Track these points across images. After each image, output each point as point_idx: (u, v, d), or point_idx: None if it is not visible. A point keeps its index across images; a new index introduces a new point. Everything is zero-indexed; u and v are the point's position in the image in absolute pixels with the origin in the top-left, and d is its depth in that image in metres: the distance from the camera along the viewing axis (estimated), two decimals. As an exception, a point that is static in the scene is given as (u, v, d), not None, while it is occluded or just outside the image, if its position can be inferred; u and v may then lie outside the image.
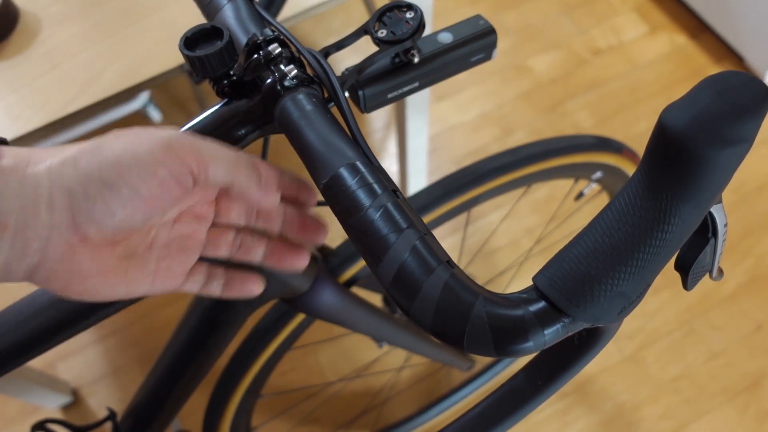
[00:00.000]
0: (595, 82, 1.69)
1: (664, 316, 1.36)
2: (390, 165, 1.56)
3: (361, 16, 1.77)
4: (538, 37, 1.77)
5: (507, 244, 1.46)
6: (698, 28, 1.75)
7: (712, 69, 1.68)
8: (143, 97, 1.56)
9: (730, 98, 0.26)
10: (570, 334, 0.30)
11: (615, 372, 1.31)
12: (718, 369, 1.30)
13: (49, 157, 0.29)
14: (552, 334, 0.30)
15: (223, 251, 0.39)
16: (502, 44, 1.76)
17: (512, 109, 1.66)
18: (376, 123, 1.64)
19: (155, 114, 1.62)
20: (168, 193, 0.31)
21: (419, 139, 1.27)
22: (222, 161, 0.33)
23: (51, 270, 0.30)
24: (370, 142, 1.59)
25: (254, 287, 0.39)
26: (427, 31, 1.03)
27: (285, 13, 0.84)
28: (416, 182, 1.42)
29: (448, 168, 1.57)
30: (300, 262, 0.40)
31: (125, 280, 0.34)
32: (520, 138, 1.61)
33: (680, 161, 0.26)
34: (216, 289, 0.39)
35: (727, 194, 1.50)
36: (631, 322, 1.36)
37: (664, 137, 0.26)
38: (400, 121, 1.22)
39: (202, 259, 0.39)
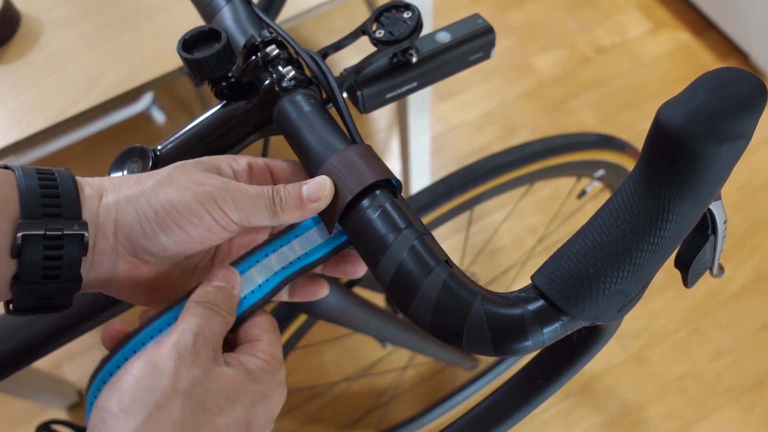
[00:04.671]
0: (599, 80, 1.68)
1: (669, 314, 1.36)
2: (393, 165, 1.56)
3: (363, 16, 1.77)
4: (541, 36, 1.77)
5: (511, 242, 1.46)
6: (702, 25, 1.74)
7: (717, 66, 1.66)
8: (147, 99, 1.56)
9: (726, 94, 0.26)
10: (569, 332, 0.30)
11: (620, 371, 1.31)
12: (723, 368, 1.30)
13: (116, 192, 0.34)
14: (551, 332, 0.29)
15: None
16: (506, 43, 1.75)
17: (516, 108, 1.65)
18: (379, 123, 1.64)
19: (159, 116, 1.63)
20: (215, 235, 0.34)
21: (421, 139, 1.27)
22: (262, 212, 0.35)
23: (120, 285, 0.35)
24: (373, 143, 1.58)
25: (321, 289, 0.40)
26: (427, 30, 1.03)
27: (286, 13, 0.84)
28: (419, 182, 1.42)
29: (452, 167, 1.57)
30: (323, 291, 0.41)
31: (190, 286, 0.36)
32: (523, 137, 1.61)
33: (677, 158, 0.26)
34: (282, 295, 0.40)
35: (732, 192, 1.49)
36: (636, 321, 1.36)
37: (661, 134, 0.26)
38: (402, 121, 1.22)
39: None
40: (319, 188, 0.35)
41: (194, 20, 0.83)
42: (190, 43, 0.39)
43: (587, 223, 0.30)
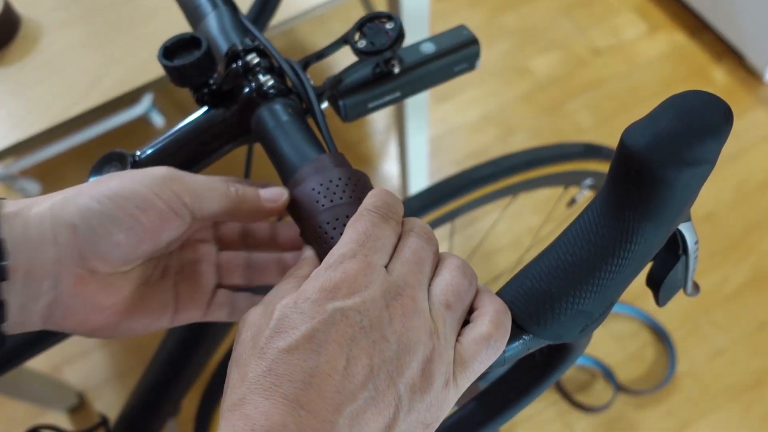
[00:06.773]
0: (595, 82, 1.68)
1: (666, 314, 1.36)
2: (391, 167, 1.57)
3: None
4: (537, 38, 1.77)
5: (509, 243, 1.46)
6: (698, 26, 1.75)
7: (713, 67, 1.67)
8: (146, 102, 1.57)
9: (691, 118, 0.25)
10: (531, 350, 0.30)
11: (617, 372, 1.31)
12: (721, 367, 1.30)
13: (49, 198, 0.30)
14: (512, 350, 0.30)
15: (237, 276, 0.39)
16: (502, 45, 1.76)
17: (513, 110, 1.66)
18: (377, 125, 1.65)
19: (158, 118, 1.64)
20: (168, 224, 0.32)
21: (419, 140, 1.27)
22: (215, 198, 0.33)
23: (67, 306, 0.31)
24: (370, 144, 1.59)
25: None
26: (423, 35, 1.03)
27: (281, 15, 0.84)
28: (417, 183, 1.42)
29: (449, 169, 1.57)
30: None
31: (146, 311, 0.34)
32: (520, 139, 1.61)
33: (641, 181, 0.26)
34: None
35: (728, 192, 1.49)
36: (633, 322, 1.36)
37: (624, 156, 0.26)
38: (400, 122, 1.22)
39: (223, 288, 0.39)
40: (278, 194, 0.35)
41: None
42: (171, 50, 0.39)
43: (552, 242, 0.30)
